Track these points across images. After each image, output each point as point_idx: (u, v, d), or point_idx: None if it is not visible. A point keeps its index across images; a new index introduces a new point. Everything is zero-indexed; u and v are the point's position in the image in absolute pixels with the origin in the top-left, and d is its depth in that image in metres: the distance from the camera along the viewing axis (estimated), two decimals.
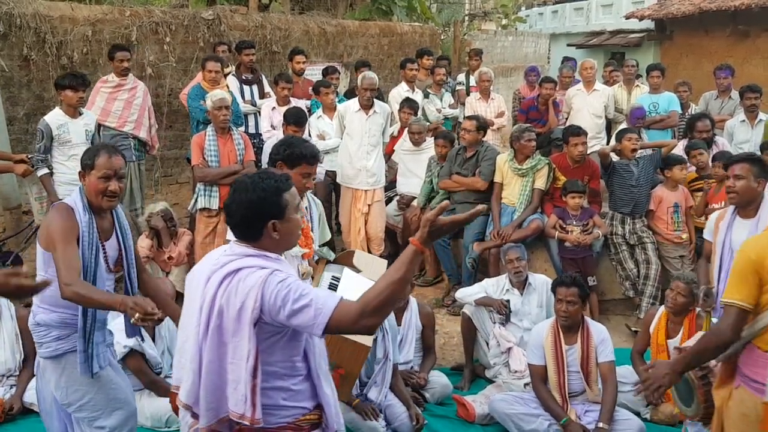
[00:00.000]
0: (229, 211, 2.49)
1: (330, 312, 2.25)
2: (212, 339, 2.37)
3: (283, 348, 2.42)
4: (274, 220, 2.43)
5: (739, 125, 7.22)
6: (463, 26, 16.40)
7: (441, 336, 5.85)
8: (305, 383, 2.50)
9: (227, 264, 2.40)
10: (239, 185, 2.50)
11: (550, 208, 6.51)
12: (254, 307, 2.29)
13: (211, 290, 2.38)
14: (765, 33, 14.43)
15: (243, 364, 2.32)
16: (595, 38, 19.16)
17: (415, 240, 2.27)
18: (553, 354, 4.38)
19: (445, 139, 7.04)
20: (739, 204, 3.94)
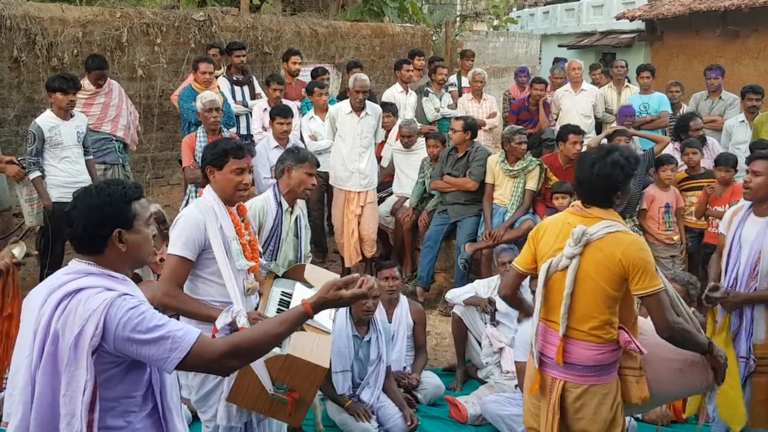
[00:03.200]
0: (70, 218, 2.21)
1: (189, 347, 2.08)
2: (45, 368, 2.09)
3: (122, 380, 2.17)
4: (120, 228, 2.20)
5: (738, 125, 7.25)
6: (455, 27, 16.41)
7: (433, 337, 5.86)
8: (148, 420, 2.25)
9: (66, 284, 2.14)
10: (83, 191, 2.27)
11: (542, 208, 6.52)
12: (94, 333, 2.04)
13: (46, 313, 2.11)
14: (755, 33, 14.51)
15: (78, 397, 2.05)
16: (586, 39, 19.22)
17: (308, 303, 2.26)
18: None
19: (437, 140, 7.05)
20: (752, 200, 3.95)
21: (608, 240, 2.99)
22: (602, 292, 3.00)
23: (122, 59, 8.14)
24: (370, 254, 6.82)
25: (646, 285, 2.94)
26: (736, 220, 4.01)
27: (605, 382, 3.07)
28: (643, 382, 3.11)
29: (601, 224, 3.02)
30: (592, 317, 3.03)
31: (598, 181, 3.06)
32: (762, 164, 3.88)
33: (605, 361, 3.05)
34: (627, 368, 3.13)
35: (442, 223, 6.67)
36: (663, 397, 3.24)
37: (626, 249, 2.95)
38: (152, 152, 8.58)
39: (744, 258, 3.88)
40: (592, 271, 3.00)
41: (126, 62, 8.17)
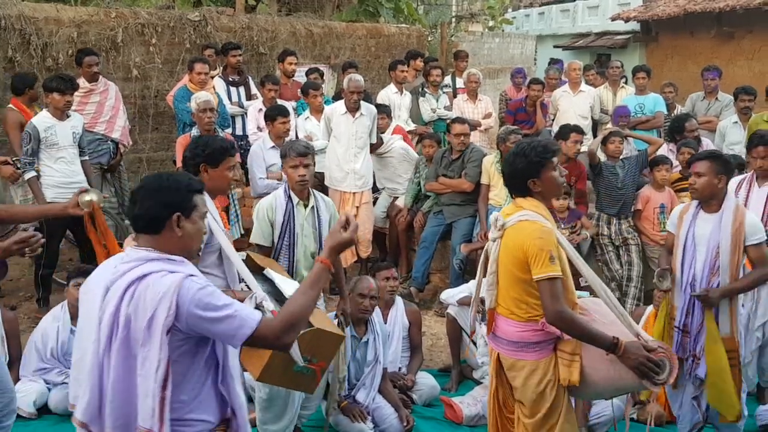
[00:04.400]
0: (135, 197, 2.38)
1: (254, 324, 2.23)
2: (119, 352, 2.23)
3: (190, 355, 2.31)
4: (179, 213, 2.34)
5: (732, 126, 7.27)
6: (450, 28, 16.41)
7: (428, 337, 5.86)
8: (212, 390, 2.40)
9: (129, 271, 2.27)
10: (152, 175, 2.47)
11: None
12: (168, 314, 2.18)
13: (113, 301, 2.24)
14: (749, 34, 14.54)
15: (152, 375, 2.19)
16: (581, 40, 19.24)
17: (322, 258, 2.44)
18: None
19: (432, 140, 7.05)
20: (700, 199, 4.04)
21: (516, 227, 3.26)
22: (511, 274, 3.26)
23: (117, 59, 8.12)
24: (365, 255, 6.82)
25: (537, 271, 3.13)
26: (686, 218, 4.08)
27: (532, 359, 3.28)
28: (574, 367, 3.24)
29: (518, 213, 3.28)
30: (510, 296, 3.29)
31: (507, 172, 3.39)
32: (703, 165, 3.98)
33: (528, 339, 3.27)
34: (560, 350, 3.28)
35: (438, 224, 6.67)
36: (600, 385, 3.28)
37: (526, 236, 3.18)
38: (147, 153, 8.55)
39: (701, 255, 3.95)
40: (504, 255, 3.30)
41: (121, 62, 8.16)
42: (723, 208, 3.97)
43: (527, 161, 3.27)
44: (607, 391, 3.39)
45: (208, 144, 3.48)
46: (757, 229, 3.94)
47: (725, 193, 4.01)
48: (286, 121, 6.26)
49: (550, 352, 3.29)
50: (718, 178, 3.96)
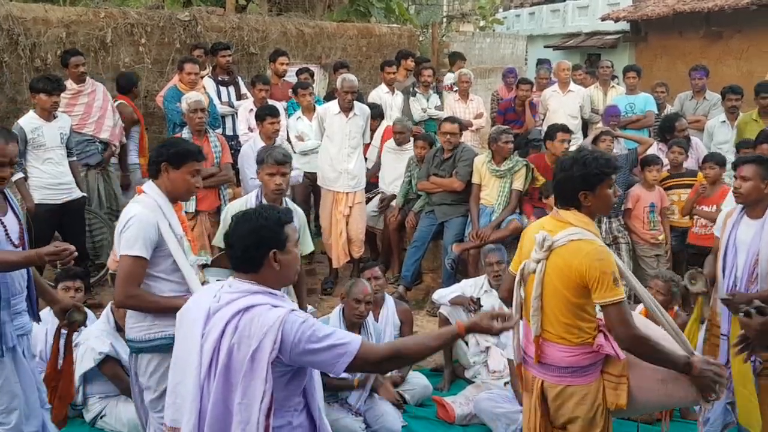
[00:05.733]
0: (231, 241, 2.48)
1: (355, 351, 2.34)
2: (219, 379, 2.34)
3: (288, 385, 2.42)
4: (275, 249, 2.43)
5: (720, 126, 7.30)
6: (442, 28, 16.42)
7: None
8: (303, 418, 2.50)
9: (235, 301, 2.38)
10: (242, 215, 2.53)
11: (529, 208, 6.54)
12: (273, 347, 2.28)
13: (217, 328, 2.35)
14: (738, 34, 14.61)
15: (256, 405, 2.29)
16: (571, 40, 19.30)
17: (462, 326, 2.55)
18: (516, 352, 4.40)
19: (425, 141, 7.06)
20: (744, 204, 3.95)
21: (569, 248, 3.01)
22: (563, 298, 3.04)
23: (106, 60, 8.08)
24: (358, 255, 6.81)
25: (603, 295, 2.94)
26: (729, 222, 4.00)
27: (582, 384, 3.09)
28: (622, 390, 3.09)
29: (567, 231, 3.04)
30: (559, 321, 3.07)
31: (560, 177, 3.11)
32: (750, 169, 3.87)
33: (580, 363, 3.08)
34: (607, 373, 3.13)
35: (430, 224, 6.66)
36: (646, 405, 3.20)
37: (583, 258, 2.96)
38: None
39: (741, 261, 3.86)
40: (554, 277, 3.05)
41: (110, 63, 8.11)
42: (767, 215, 3.85)
43: (585, 171, 3.03)
44: (654, 407, 3.35)
45: (174, 144, 3.43)
46: None
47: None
48: (276, 121, 6.24)
49: (598, 375, 3.13)
50: (765, 183, 3.85)
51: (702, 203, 6.18)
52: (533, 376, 3.22)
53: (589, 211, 3.10)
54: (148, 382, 3.36)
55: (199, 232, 5.92)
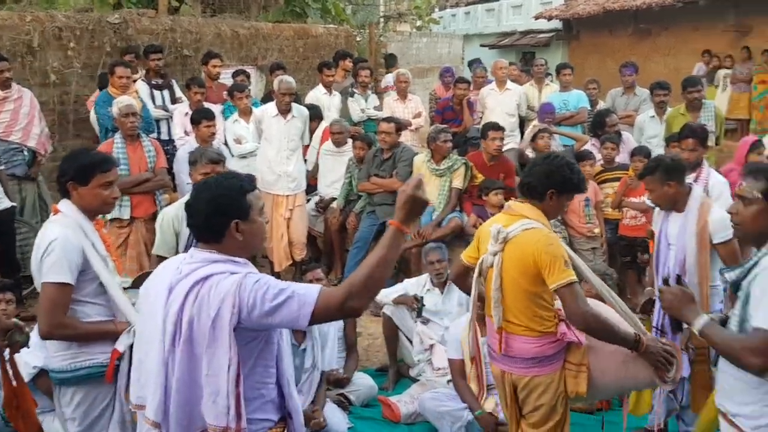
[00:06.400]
0: (191, 211, 2.41)
1: (314, 300, 2.22)
2: (183, 353, 2.27)
3: (258, 354, 2.35)
4: (237, 219, 2.35)
5: (649, 120, 7.48)
6: (379, 28, 16.46)
7: (365, 338, 5.85)
8: (274, 391, 2.43)
9: (193, 272, 2.30)
10: (202, 185, 2.45)
11: (469, 206, 6.61)
12: (232, 312, 2.21)
13: (177, 301, 2.28)
14: (665, 31, 15.09)
15: (223, 375, 2.22)
16: (506, 38, 19.60)
17: (394, 221, 2.31)
18: (471, 346, 4.43)
19: (363, 141, 7.06)
20: (664, 209, 4.06)
21: (522, 237, 3.14)
22: (521, 288, 3.15)
23: (34, 65, 7.81)
24: (300, 257, 6.76)
25: (555, 278, 3.05)
26: (659, 218, 4.12)
27: (548, 373, 3.21)
28: (582, 378, 3.21)
29: (520, 222, 3.17)
30: (521, 311, 3.18)
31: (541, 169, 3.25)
32: (650, 181, 3.97)
33: (545, 353, 3.19)
34: (567, 362, 3.24)
35: (371, 224, 6.67)
36: (608, 388, 3.31)
37: (535, 246, 3.09)
38: None
39: (672, 255, 3.97)
40: (511, 268, 3.16)
41: (38, 68, 7.85)
42: (688, 207, 3.94)
43: (566, 178, 3.22)
44: (615, 392, 3.42)
45: (76, 159, 3.16)
46: (723, 225, 3.71)
47: (689, 191, 3.97)
48: (212, 124, 6.15)
49: (562, 363, 3.23)
50: (669, 185, 3.92)
51: (630, 195, 6.36)
52: (502, 371, 3.33)
53: (545, 209, 3.24)
54: (72, 413, 3.13)
55: (135, 240, 5.79)
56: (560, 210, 3.39)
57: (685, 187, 3.98)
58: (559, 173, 3.22)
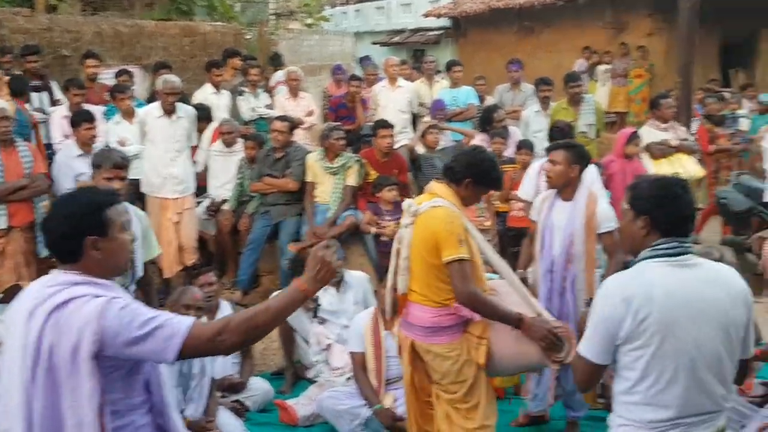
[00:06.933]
0: (46, 228, 2.26)
1: (184, 333, 2.12)
2: (44, 381, 2.12)
3: (123, 383, 2.22)
4: (94, 236, 2.20)
5: (534, 115, 7.70)
6: (269, 25, 16.25)
7: (261, 341, 5.74)
8: (148, 417, 2.31)
9: (53, 296, 2.14)
10: (58, 201, 2.32)
11: (364, 203, 6.63)
12: (92, 340, 2.07)
13: (35, 327, 2.11)
14: (548, 29, 15.64)
15: (85, 404, 2.09)
16: (397, 36, 19.81)
17: (300, 282, 2.28)
18: (372, 340, 4.52)
19: (254, 141, 6.95)
20: (554, 187, 4.18)
21: (429, 213, 3.36)
22: (424, 259, 3.36)
23: None
24: (191, 262, 6.57)
25: (448, 252, 3.26)
26: (545, 206, 4.23)
27: (445, 342, 3.40)
28: (481, 350, 3.39)
29: (431, 200, 3.39)
30: (422, 281, 3.40)
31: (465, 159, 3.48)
32: (559, 154, 4.12)
33: (441, 323, 3.39)
34: (469, 333, 3.42)
35: (265, 225, 6.57)
36: (505, 362, 3.45)
37: (437, 221, 3.32)
38: None
39: (557, 242, 4.10)
40: (417, 241, 3.39)
41: None
42: (577, 197, 4.09)
43: (485, 171, 3.45)
44: (512, 367, 3.58)
45: None
46: (608, 217, 4.07)
47: (580, 181, 4.13)
48: (92, 126, 5.89)
49: (461, 334, 3.42)
50: (572, 168, 4.07)
51: (515, 188, 6.54)
52: (405, 337, 3.56)
53: (461, 194, 3.44)
54: None
55: (12, 250, 5.47)
56: (474, 199, 3.58)
57: (580, 177, 4.15)
58: (481, 166, 3.44)
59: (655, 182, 2.58)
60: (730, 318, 2.40)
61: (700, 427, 2.39)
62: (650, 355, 2.37)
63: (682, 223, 2.48)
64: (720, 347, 2.38)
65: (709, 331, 2.37)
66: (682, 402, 2.36)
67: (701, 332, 2.36)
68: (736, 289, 2.46)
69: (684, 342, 2.35)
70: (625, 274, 2.52)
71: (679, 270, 2.41)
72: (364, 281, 5.33)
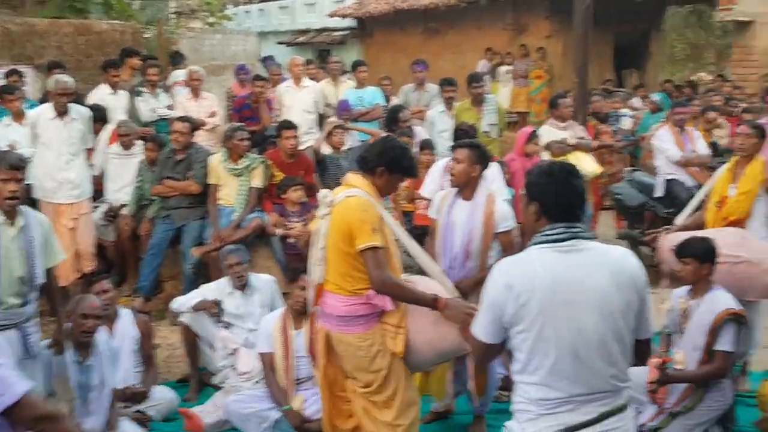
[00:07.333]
0: None
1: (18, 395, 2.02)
2: None
3: None
4: None
5: (439, 115, 7.80)
6: (169, 24, 15.86)
7: (164, 349, 5.60)
8: None
9: None
10: None
11: (270, 205, 6.54)
12: None
13: None
14: (452, 30, 15.90)
15: None
16: (302, 36, 19.70)
17: None
18: (281, 340, 4.51)
19: (154, 143, 6.75)
20: (457, 186, 4.26)
21: (344, 203, 3.40)
22: (339, 249, 3.40)
23: None
24: (89, 269, 6.30)
25: (361, 241, 3.31)
26: (445, 204, 4.31)
27: (360, 332, 3.43)
28: (399, 339, 3.42)
29: (346, 191, 3.43)
30: (338, 271, 3.43)
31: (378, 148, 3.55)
32: (462, 152, 4.21)
33: (354, 312, 3.42)
34: (386, 323, 3.45)
35: (166, 230, 6.38)
36: (424, 350, 3.47)
37: (351, 210, 3.35)
38: None
39: (457, 240, 4.20)
40: (333, 230, 3.42)
41: None
42: (476, 196, 4.21)
43: (396, 159, 3.48)
44: (431, 355, 3.54)
45: None
46: (506, 216, 4.23)
47: (480, 181, 4.24)
48: None
49: (375, 323, 3.45)
50: (474, 167, 4.17)
51: (418, 187, 6.60)
52: (320, 326, 3.58)
53: (376, 184, 3.48)
54: None
55: None
56: (391, 188, 3.64)
57: (481, 177, 4.26)
58: (391, 153, 3.48)
59: (544, 168, 2.64)
60: (614, 301, 2.45)
61: (592, 404, 2.45)
62: (533, 339, 2.44)
63: (569, 208, 2.53)
64: (604, 330, 2.43)
65: (591, 314, 2.42)
66: (570, 382, 2.43)
67: (582, 316, 2.42)
68: (625, 270, 2.50)
69: (564, 326, 2.42)
70: (511, 259, 2.59)
71: (565, 255, 2.47)
72: (271, 284, 5.26)
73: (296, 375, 4.49)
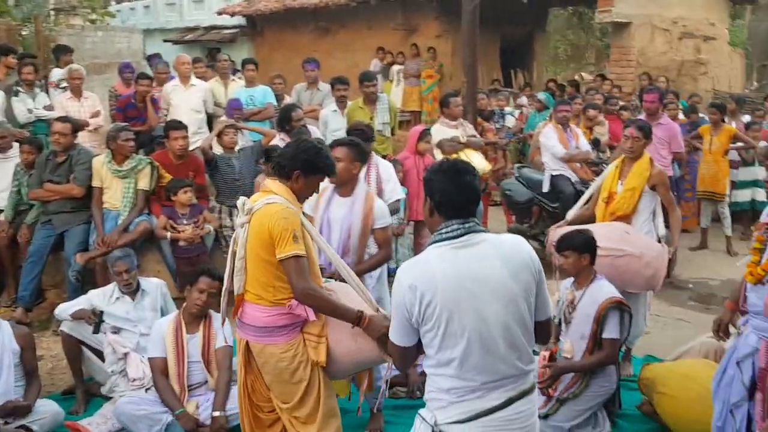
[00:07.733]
0: None
1: None
2: None
3: None
4: None
5: (332, 114, 7.79)
6: (48, 21, 15.09)
7: (48, 360, 5.35)
8: None
9: None
10: None
11: (158, 208, 6.34)
12: None
13: None
14: (343, 29, 15.96)
15: None
16: (190, 34, 19.24)
17: None
18: (173, 345, 4.41)
19: (31, 145, 6.42)
20: (339, 183, 4.29)
21: (263, 210, 3.30)
22: (259, 257, 3.31)
23: None
24: None
25: (282, 249, 3.22)
26: (323, 201, 4.38)
27: (281, 343, 3.36)
28: (321, 349, 3.38)
29: (266, 198, 3.34)
30: (258, 280, 3.34)
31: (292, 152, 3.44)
32: (341, 150, 4.27)
33: (275, 323, 3.34)
34: (307, 333, 3.40)
35: (47, 235, 6.07)
36: (344, 360, 3.44)
37: (271, 217, 3.25)
38: None
39: (335, 236, 4.27)
40: (253, 239, 3.33)
41: None
42: (355, 194, 4.30)
43: (310, 161, 3.38)
44: (350, 365, 3.51)
45: None
46: (383, 213, 4.34)
47: (358, 179, 4.34)
48: None
49: (296, 334, 3.38)
50: (354, 165, 4.26)
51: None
52: (240, 338, 3.50)
53: (294, 188, 3.40)
54: None
55: None
56: (309, 192, 3.52)
57: (359, 174, 4.38)
58: (304, 156, 3.38)
59: (437, 166, 2.73)
60: (512, 288, 2.56)
61: (499, 390, 2.56)
62: (441, 335, 2.53)
63: (461, 205, 2.61)
64: (506, 317, 2.54)
65: (492, 303, 2.53)
66: (479, 372, 2.53)
67: (484, 306, 2.52)
68: (518, 257, 2.62)
69: (469, 319, 2.52)
70: (413, 261, 2.68)
71: (462, 251, 2.56)
72: (161, 287, 5.12)
73: (190, 380, 4.41)
